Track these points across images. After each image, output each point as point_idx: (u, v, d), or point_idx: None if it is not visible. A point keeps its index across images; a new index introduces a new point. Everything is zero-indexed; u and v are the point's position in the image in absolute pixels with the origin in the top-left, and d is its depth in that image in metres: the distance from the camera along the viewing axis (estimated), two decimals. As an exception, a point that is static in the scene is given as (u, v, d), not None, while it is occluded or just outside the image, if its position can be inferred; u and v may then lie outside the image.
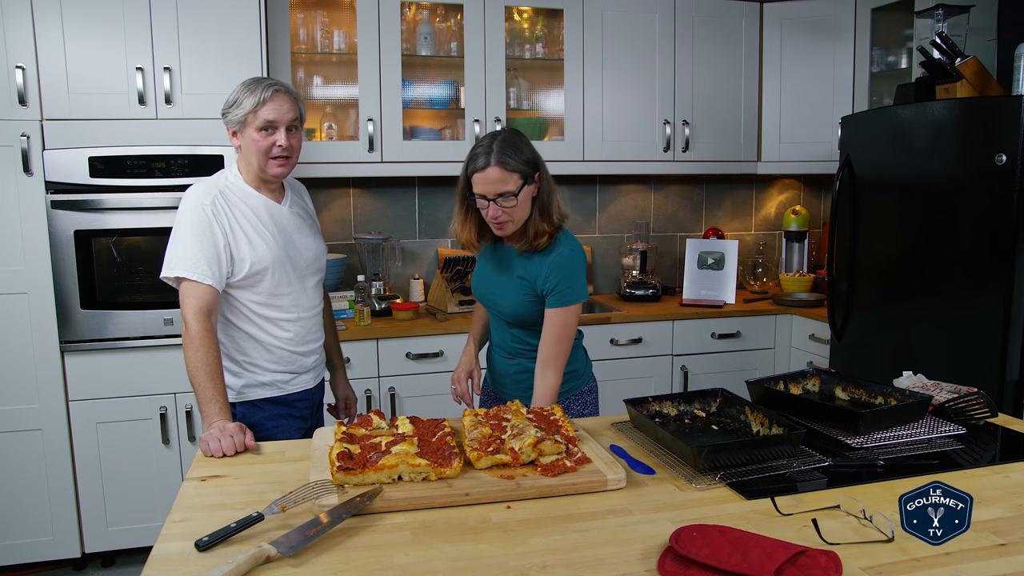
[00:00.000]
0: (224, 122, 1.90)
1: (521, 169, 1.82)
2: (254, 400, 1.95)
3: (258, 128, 1.84)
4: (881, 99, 3.47)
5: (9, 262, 2.71)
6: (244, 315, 1.91)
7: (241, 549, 1.16)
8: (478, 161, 1.83)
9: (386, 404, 3.03)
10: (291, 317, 1.96)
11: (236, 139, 1.90)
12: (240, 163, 1.95)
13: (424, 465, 1.37)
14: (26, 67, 2.63)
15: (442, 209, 3.66)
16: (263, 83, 1.86)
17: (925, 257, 2.67)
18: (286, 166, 1.90)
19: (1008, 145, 2.36)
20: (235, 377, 1.93)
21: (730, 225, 4.10)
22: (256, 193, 1.93)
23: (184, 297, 1.79)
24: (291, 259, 1.94)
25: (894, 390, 1.77)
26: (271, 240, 1.90)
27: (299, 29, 3.23)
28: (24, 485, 2.79)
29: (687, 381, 3.39)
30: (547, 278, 1.88)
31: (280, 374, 1.97)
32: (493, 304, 2.02)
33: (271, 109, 1.84)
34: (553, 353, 1.89)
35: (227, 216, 1.85)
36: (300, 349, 2.00)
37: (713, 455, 1.42)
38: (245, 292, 1.89)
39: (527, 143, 1.88)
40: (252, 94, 1.84)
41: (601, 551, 1.16)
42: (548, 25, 3.51)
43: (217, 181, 1.91)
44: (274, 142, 1.85)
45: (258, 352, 1.94)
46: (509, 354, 2.04)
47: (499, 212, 1.84)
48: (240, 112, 1.84)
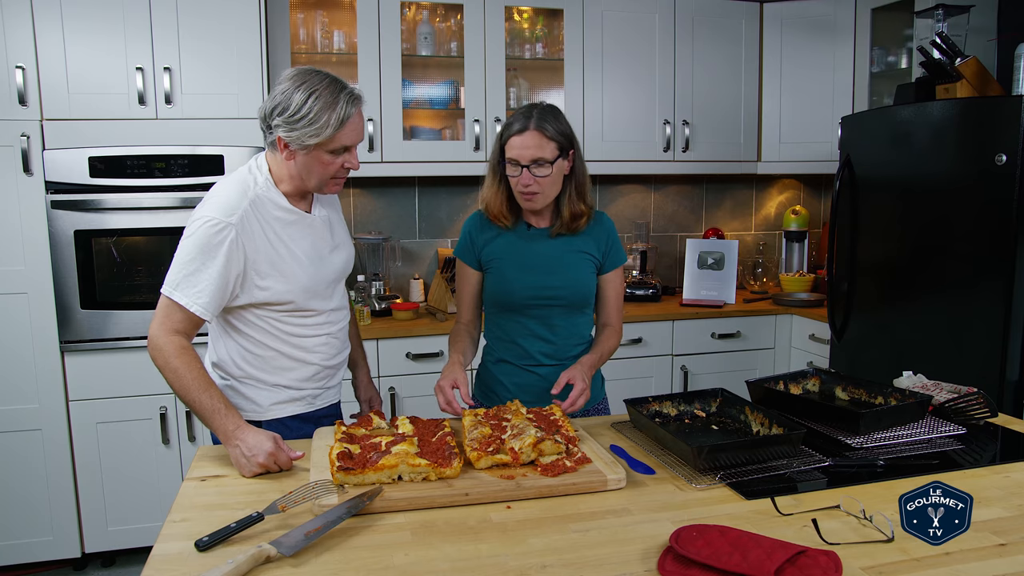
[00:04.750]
0: (275, 131, 1.59)
1: (559, 139, 1.80)
2: (282, 418, 1.77)
3: (331, 151, 1.60)
4: (881, 99, 3.47)
5: (9, 262, 2.71)
6: (275, 335, 1.71)
7: (241, 549, 1.16)
8: (515, 125, 1.80)
9: (386, 404, 3.03)
10: (324, 332, 1.78)
11: (289, 151, 1.60)
12: (277, 167, 1.67)
13: (424, 465, 1.37)
14: (26, 67, 2.63)
15: (442, 209, 3.66)
16: (342, 92, 1.56)
17: (925, 257, 2.67)
18: (342, 184, 1.71)
19: (1008, 145, 2.36)
20: (265, 393, 1.75)
21: (730, 225, 4.10)
22: (289, 206, 1.68)
23: (164, 314, 1.57)
24: (322, 276, 1.74)
25: (894, 390, 1.77)
26: (305, 262, 1.69)
27: (299, 29, 3.23)
28: (24, 485, 2.79)
29: (687, 381, 3.38)
30: (607, 243, 1.98)
31: (313, 389, 1.81)
32: (549, 292, 1.89)
33: (353, 132, 1.59)
34: (617, 315, 2.01)
35: (256, 238, 1.61)
36: (334, 363, 1.85)
37: (713, 455, 1.42)
38: (275, 313, 1.70)
39: (565, 118, 1.86)
40: (332, 110, 1.54)
41: (601, 551, 1.16)
42: (548, 25, 3.51)
43: (246, 187, 1.64)
44: (342, 164, 1.63)
45: (295, 371, 1.76)
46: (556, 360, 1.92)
47: (531, 181, 1.80)
48: (319, 133, 1.54)
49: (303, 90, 1.55)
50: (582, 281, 1.92)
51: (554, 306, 1.91)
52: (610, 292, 2.00)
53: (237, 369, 1.74)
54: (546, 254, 1.91)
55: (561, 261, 1.91)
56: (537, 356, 1.93)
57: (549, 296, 1.90)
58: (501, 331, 1.97)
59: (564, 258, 1.91)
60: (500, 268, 1.92)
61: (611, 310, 2.00)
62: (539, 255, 1.91)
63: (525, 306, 1.91)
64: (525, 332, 1.93)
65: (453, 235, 3.69)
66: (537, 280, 1.89)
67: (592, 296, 1.97)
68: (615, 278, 2.00)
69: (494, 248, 1.93)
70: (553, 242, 1.92)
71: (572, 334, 1.95)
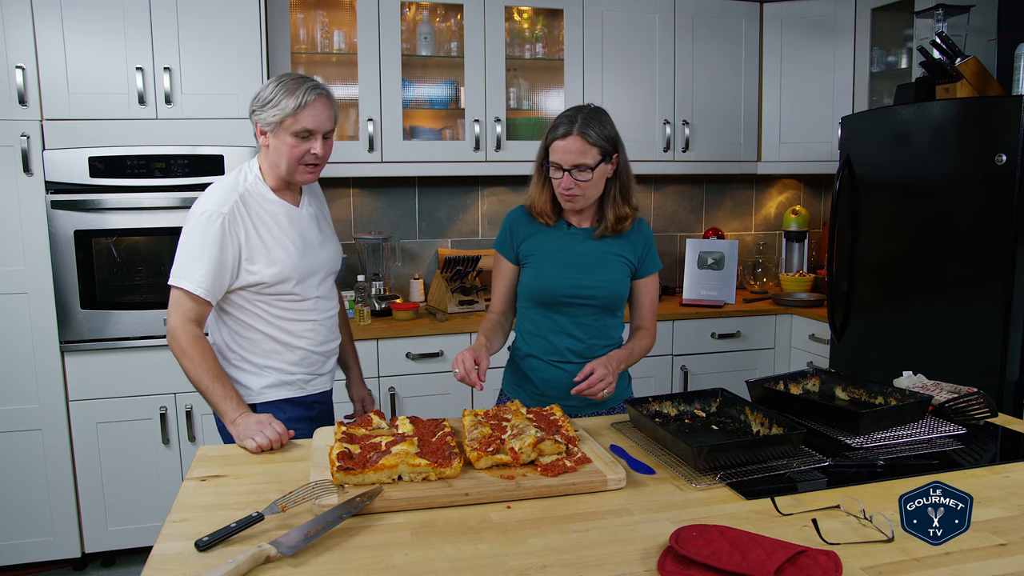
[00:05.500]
0: (252, 119, 1.80)
1: (601, 145, 1.82)
2: (275, 401, 1.88)
3: (294, 134, 1.75)
4: (881, 99, 3.47)
5: (9, 262, 2.71)
6: (264, 319, 1.85)
7: (241, 549, 1.16)
8: (559, 129, 1.82)
9: (386, 404, 3.03)
10: (311, 319, 1.91)
11: (264, 139, 1.80)
12: (263, 162, 1.86)
13: (424, 465, 1.37)
14: (26, 67, 2.63)
15: (442, 209, 3.66)
16: (305, 84, 1.75)
17: (925, 257, 2.67)
18: (315, 173, 1.84)
19: (1008, 145, 2.36)
20: (255, 378, 1.87)
21: (730, 225, 4.10)
22: (276, 198, 1.85)
23: (176, 305, 1.73)
24: (309, 265, 1.88)
25: (894, 390, 1.77)
26: (291, 248, 1.83)
27: (299, 29, 3.23)
28: (24, 485, 2.79)
29: (687, 381, 3.38)
30: (644, 249, 1.99)
31: (303, 375, 1.92)
32: (584, 291, 1.91)
33: (312, 116, 1.75)
34: (651, 319, 2.03)
35: (244, 226, 1.77)
36: (322, 349, 1.95)
37: (713, 455, 1.42)
38: (264, 297, 1.83)
39: (610, 121, 1.88)
40: (292, 96, 1.73)
41: (601, 551, 1.16)
42: (548, 25, 3.51)
43: (236, 184, 1.82)
44: (308, 150, 1.78)
45: (281, 354, 1.88)
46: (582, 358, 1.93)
47: (572, 184, 1.83)
48: (277, 114, 1.74)
49: (274, 82, 1.78)
50: (616, 283, 1.95)
51: (586, 305, 1.94)
52: (644, 297, 2.02)
53: (230, 352, 1.87)
54: (583, 253, 1.94)
55: (597, 262, 1.94)
56: (565, 353, 1.96)
57: (583, 295, 1.93)
58: (532, 325, 2.00)
59: (600, 259, 1.94)
60: (537, 264, 1.96)
61: (645, 314, 2.03)
62: (576, 254, 1.94)
63: (558, 303, 1.94)
64: (555, 329, 1.96)
65: (453, 235, 3.69)
66: (572, 279, 1.92)
67: (624, 299, 1.99)
68: (650, 283, 2.02)
69: (533, 244, 1.96)
70: (591, 243, 1.95)
71: (601, 334, 1.97)
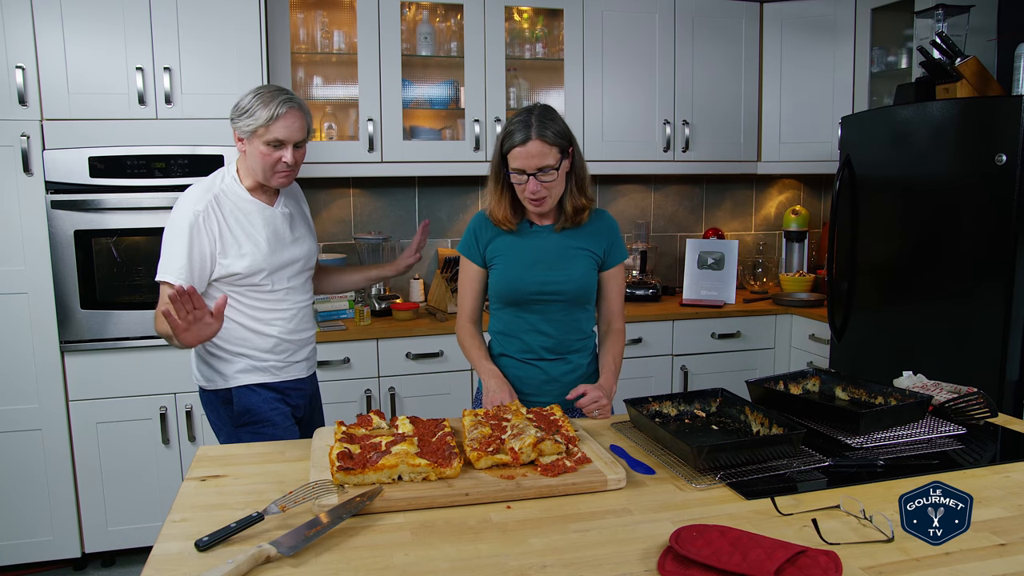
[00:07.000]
0: (232, 126, 1.92)
1: (559, 143, 1.83)
2: (249, 384, 1.99)
3: (266, 143, 1.87)
4: (881, 99, 3.47)
5: (9, 262, 2.71)
6: (236, 309, 1.96)
7: (241, 549, 1.16)
8: (516, 136, 1.82)
9: (386, 404, 3.03)
10: (282, 307, 2.02)
11: (241, 144, 1.92)
12: (241, 165, 1.99)
13: (424, 465, 1.37)
14: (26, 67, 2.63)
15: (442, 209, 3.66)
16: (279, 97, 1.87)
17: (925, 257, 2.67)
18: (288, 178, 1.95)
19: (1008, 145, 2.36)
20: (228, 364, 1.98)
21: (730, 225, 4.10)
22: (250, 197, 1.97)
23: (160, 298, 1.87)
24: (281, 261, 1.99)
25: (894, 390, 1.77)
26: (262, 243, 1.95)
27: (299, 29, 3.23)
28: (24, 485, 2.79)
29: (687, 381, 3.38)
30: (609, 241, 1.99)
31: (275, 361, 2.02)
32: (551, 288, 1.93)
33: (283, 127, 1.86)
34: (619, 314, 2.05)
35: (218, 223, 1.90)
36: (293, 337, 2.05)
37: (713, 455, 1.42)
38: (238, 288, 1.95)
39: (560, 117, 1.88)
40: (266, 107, 1.85)
41: (601, 551, 1.16)
42: (548, 25, 3.51)
43: (212, 185, 1.95)
44: (280, 158, 1.89)
45: (254, 341, 1.99)
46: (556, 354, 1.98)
47: (538, 187, 1.84)
48: (251, 124, 1.86)
49: (252, 93, 1.89)
50: (583, 277, 1.96)
51: (555, 301, 1.95)
52: (612, 290, 2.04)
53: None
54: (548, 250, 1.95)
55: (563, 257, 1.95)
56: (538, 350, 1.98)
57: (551, 291, 1.94)
58: (503, 325, 2.02)
59: (566, 254, 1.95)
60: (503, 264, 1.97)
61: (613, 308, 2.05)
62: (542, 251, 1.95)
63: (527, 301, 1.96)
64: (527, 327, 1.98)
65: (453, 235, 3.69)
66: (539, 275, 1.94)
67: (593, 292, 2.01)
68: (617, 274, 2.04)
69: (498, 245, 1.98)
70: (555, 238, 1.96)
71: (573, 328, 1.99)
